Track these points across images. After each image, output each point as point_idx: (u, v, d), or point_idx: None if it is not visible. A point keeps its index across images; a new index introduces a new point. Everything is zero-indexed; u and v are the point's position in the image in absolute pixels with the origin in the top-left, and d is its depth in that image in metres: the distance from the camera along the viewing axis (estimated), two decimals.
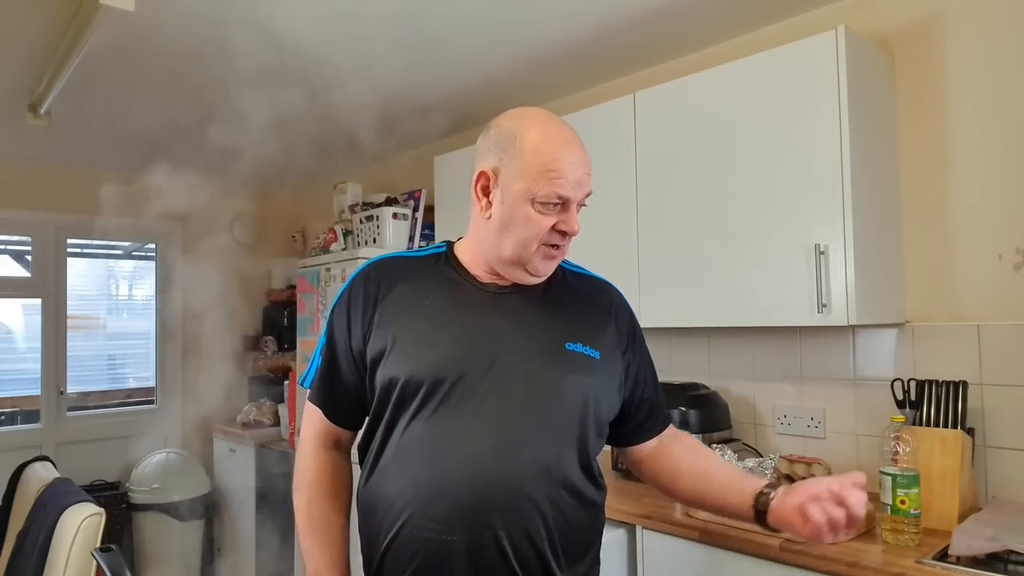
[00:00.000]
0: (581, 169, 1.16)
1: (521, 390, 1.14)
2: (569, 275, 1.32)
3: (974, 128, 1.89)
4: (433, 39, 2.41)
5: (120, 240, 4.30)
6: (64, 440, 3.93)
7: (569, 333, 1.21)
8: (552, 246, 1.18)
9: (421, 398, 1.14)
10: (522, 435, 1.12)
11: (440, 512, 1.09)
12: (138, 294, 4.41)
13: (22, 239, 3.94)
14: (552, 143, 1.16)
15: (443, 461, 1.11)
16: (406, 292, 1.23)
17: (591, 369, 1.19)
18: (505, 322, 1.19)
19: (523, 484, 1.10)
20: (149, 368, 4.33)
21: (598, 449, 1.23)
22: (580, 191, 1.17)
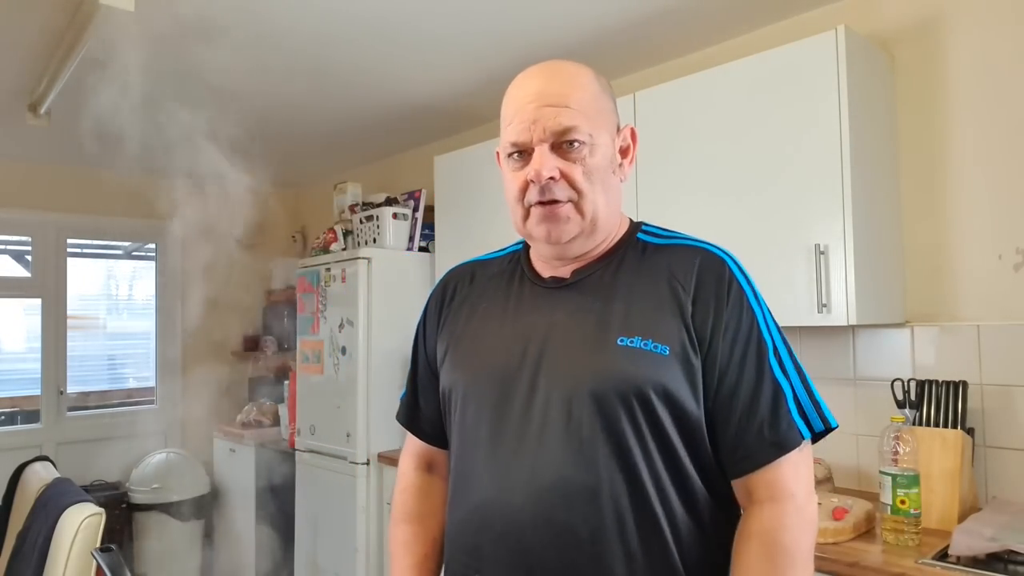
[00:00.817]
0: (532, 104, 0.96)
1: (555, 400, 0.95)
2: (651, 248, 1.05)
3: (974, 128, 1.89)
4: (433, 39, 2.41)
5: (120, 240, 4.30)
6: (64, 440, 3.93)
7: (623, 325, 0.96)
8: (542, 204, 0.97)
9: (460, 411, 1.04)
10: (555, 456, 0.93)
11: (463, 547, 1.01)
12: (138, 294, 4.41)
13: (22, 239, 3.94)
14: (511, 87, 1.02)
15: (477, 490, 1.00)
16: (470, 295, 1.13)
17: (653, 370, 0.93)
18: (553, 319, 1.01)
19: (558, 515, 0.92)
20: (149, 368, 4.32)
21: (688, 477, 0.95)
22: (535, 130, 0.96)
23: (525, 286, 1.07)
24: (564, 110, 0.96)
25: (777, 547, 0.90)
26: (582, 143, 0.96)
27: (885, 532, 1.58)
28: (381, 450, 2.89)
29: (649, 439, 0.93)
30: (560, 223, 0.98)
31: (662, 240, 1.07)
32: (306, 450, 3.19)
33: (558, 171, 0.96)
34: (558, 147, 0.96)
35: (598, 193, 0.99)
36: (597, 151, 0.98)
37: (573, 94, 0.97)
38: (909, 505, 1.55)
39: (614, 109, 1.05)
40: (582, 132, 0.96)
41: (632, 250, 1.05)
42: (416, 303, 3.12)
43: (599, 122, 0.99)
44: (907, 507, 1.55)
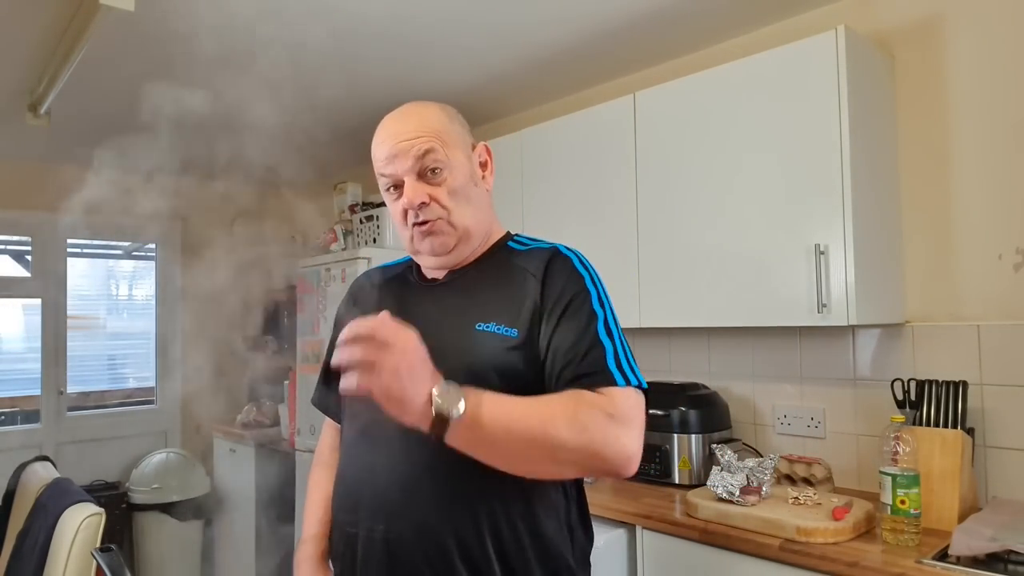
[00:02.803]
0: (389, 142, 1.14)
1: None
2: (514, 253, 1.22)
3: (974, 128, 1.89)
4: (434, 39, 2.41)
5: (120, 240, 4.30)
6: (64, 440, 3.92)
7: (484, 313, 1.13)
8: (419, 224, 1.15)
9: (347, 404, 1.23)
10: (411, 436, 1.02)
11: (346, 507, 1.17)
12: (138, 294, 4.41)
13: (22, 239, 3.94)
14: (374, 136, 1.19)
15: (349, 459, 1.19)
16: (369, 298, 1.31)
17: (504, 350, 1.08)
18: (428, 314, 1.16)
19: (418, 484, 1.08)
20: (149, 368, 4.32)
21: None
22: (400, 163, 1.13)
23: (410, 287, 1.27)
24: (417, 140, 1.13)
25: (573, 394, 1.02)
26: (440, 168, 1.14)
27: (885, 532, 1.58)
28: None
29: None
30: (437, 236, 1.16)
31: (525, 247, 1.24)
32: (306, 450, 3.19)
33: (427, 196, 1.13)
34: (423, 176, 1.14)
35: (464, 206, 1.17)
36: (456, 171, 1.16)
37: (422, 126, 1.15)
38: (909, 505, 1.55)
39: (466, 132, 1.22)
40: (439, 154, 1.14)
41: (499, 255, 1.23)
42: None
43: (451, 144, 1.16)
44: (907, 507, 1.55)
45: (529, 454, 0.97)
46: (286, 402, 3.59)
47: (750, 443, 2.27)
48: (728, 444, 1.97)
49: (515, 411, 0.96)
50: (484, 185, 1.23)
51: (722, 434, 2.19)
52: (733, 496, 1.76)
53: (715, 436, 2.15)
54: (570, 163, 2.47)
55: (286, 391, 3.60)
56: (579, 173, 2.44)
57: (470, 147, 1.22)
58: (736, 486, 1.77)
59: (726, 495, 1.77)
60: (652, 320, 2.20)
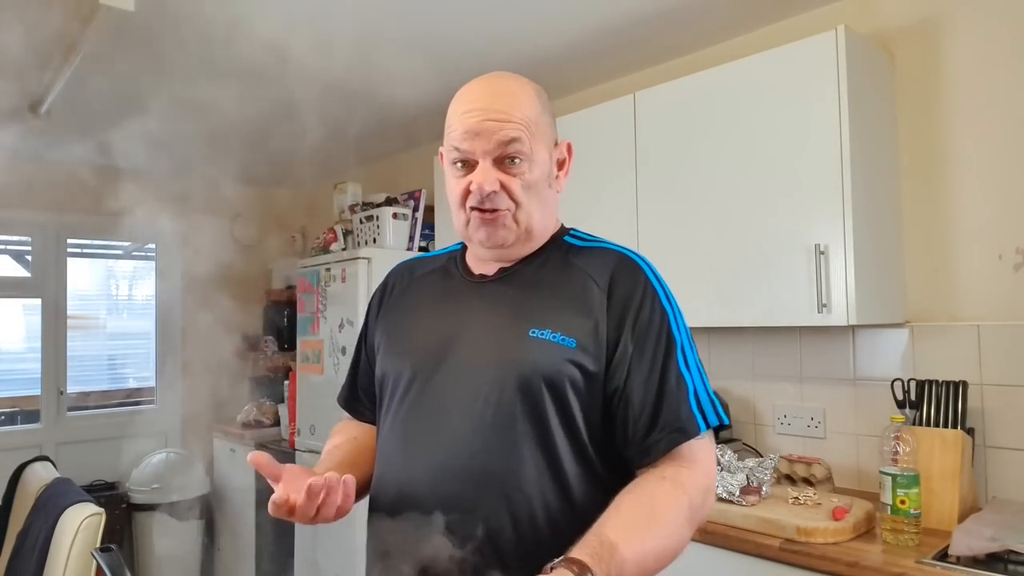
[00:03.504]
0: (475, 116, 1.02)
1: (464, 387, 1.03)
2: (574, 250, 1.13)
3: (974, 128, 1.89)
4: (434, 39, 2.40)
5: (120, 240, 4.30)
6: (64, 440, 3.92)
7: (539, 318, 1.03)
8: (480, 210, 1.04)
9: (388, 396, 1.13)
10: (459, 439, 1.01)
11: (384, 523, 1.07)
12: (138, 294, 4.41)
13: (22, 239, 3.94)
14: (457, 98, 1.08)
15: (390, 463, 1.09)
16: (408, 291, 1.22)
17: (560, 359, 1.00)
18: (476, 313, 1.09)
19: (454, 496, 0.99)
20: (149, 368, 4.32)
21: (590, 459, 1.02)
22: (479, 142, 1.02)
23: (455, 280, 1.16)
24: (507, 124, 1.02)
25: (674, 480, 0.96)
26: (522, 159, 1.04)
27: (885, 532, 1.58)
28: None
29: (556, 426, 1.00)
30: (498, 229, 1.06)
31: (584, 243, 1.15)
32: (306, 450, 3.19)
33: (499, 183, 1.03)
34: (500, 161, 1.03)
35: (534, 205, 1.07)
36: (536, 166, 1.06)
37: (516, 111, 1.04)
38: (909, 505, 1.55)
39: (553, 124, 1.12)
40: (524, 145, 1.03)
41: (556, 251, 1.13)
42: None
43: (538, 138, 1.06)
44: (907, 507, 1.55)
45: (661, 566, 0.95)
46: (286, 402, 3.59)
47: (750, 443, 2.27)
48: (728, 444, 1.97)
49: (646, 553, 0.90)
50: (556, 186, 1.14)
51: (722, 434, 2.19)
52: (733, 496, 1.76)
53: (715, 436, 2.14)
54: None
55: (286, 391, 3.60)
56: (579, 173, 2.43)
57: (553, 142, 1.12)
58: (736, 486, 1.77)
59: (726, 495, 1.77)
60: None
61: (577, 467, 1.01)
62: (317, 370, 3.15)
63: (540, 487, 0.98)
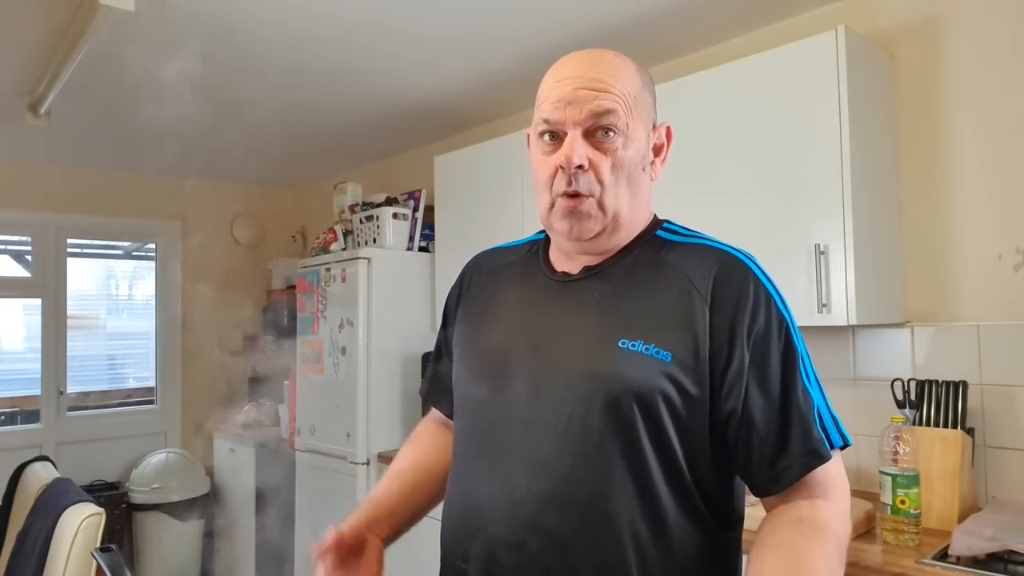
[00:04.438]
0: (571, 84, 0.93)
1: (548, 402, 0.92)
2: (668, 246, 1.00)
3: (974, 128, 1.89)
4: (433, 39, 2.40)
5: (120, 240, 4.30)
6: (64, 440, 3.93)
7: (630, 327, 0.91)
8: (567, 196, 0.94)
9: (461, 407, 1.05)
10: (541, 459, 0.91)
11: (453, 538, 1.00)
12: (138, 294, 4.41)
13: (22, 239, 3.94)
14: (550, 70, 0.99)
15: (465, 486, 1.00)
16: (486, 286, 1.11)
17: (653, 374, 0.89)
18: (560, 317, 0.97)
19: (537, 518, 0.90)
20: (149, 368, 4.32)
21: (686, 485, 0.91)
22: (573, 111, 0.92)
23: (537, 279, 1.04)
24: (603, 94, 0.92)
25: (813, 522, 0.86)
26: (616, 132, 0.93)
27: (885, 532, 1.58)
28: (381, 450, 2.89)
29: (646, 445, 0.89)
30: (582, 219, 0.94)
31: (680, 239, 1.02)
32: (306, 450, 3.19)
33: (587, 160, 0.92)
34: (591, 135, 0.93)
35: (622, 188, 0.95)
36: (631, 144, 0.95)
37: (614, 82, 0.94)
38: (909, 505, 1.55)
39: (653, 105, 1.02)
40: (618, 120, 0.93)
41: (648, 247, 1.00)
42: (416, 303, 3.12)
43: (636, 114, 0.95)
44: (907, 507, 1.55)
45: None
46: (286, 402, 3.59)
47: None
48: None
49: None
50: (652, 172, 1.02)
51: None
52: None
53: None
54: None
55: (286, 391, 3.60)
56: None
57: (651, 125, 1.01)
58: None
59: None
60: None
61: (672, 496, 0.90)
62: (317, 370, 3.15)
63: (629, 515, 0.88)
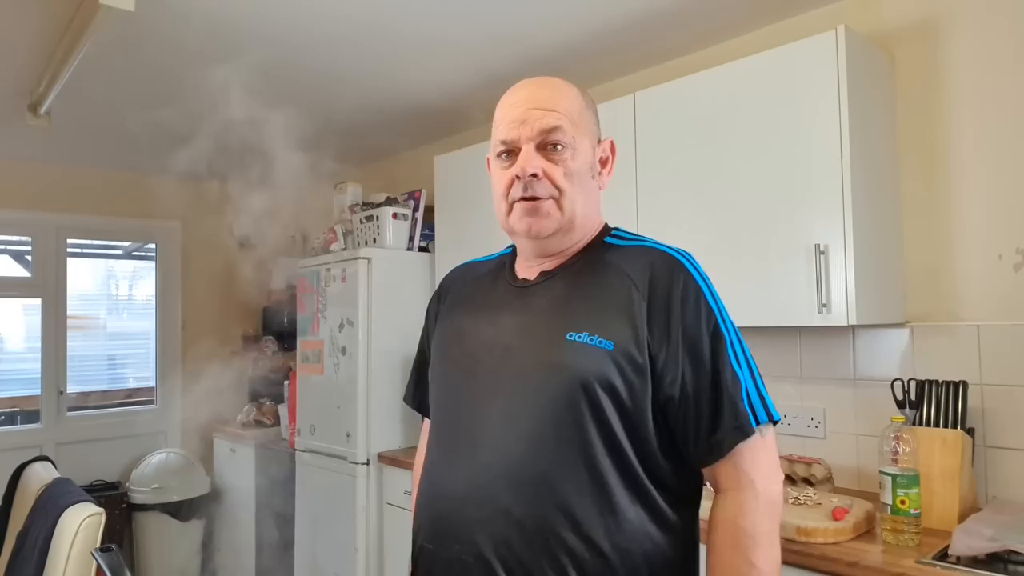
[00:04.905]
0: (522, 106, 1.08)
1: (505, 394, 1.05)
2: (612, 249, 1.13)
3: (974, 128, 1.89)
4: (433, 39, 2.41)
5: (120, 240, 4.30)
6: (64, 440, 3.92)
7: (576, 321, 1.03)
8: (525, 200, 1.07)
9: (434, 403, 1.19)
10: (497, 445, 1.03)
11: (428, 523, 1.10)
12: (138, 294, 4.41)
13: (22, 239, 3.94)
14: (504, 96, 1.14)
15: (433, 471, 1.12)
16: (460, 295, 1.25)
17: (597, 363, 1.00)
18: (517, 317, 1.10)
19: (500, 498, 1.00)
20: (149, 368, 4.32)
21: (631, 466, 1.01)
22: (525, 129, 1.06)
23: (501, 287, 1.18)
24: (551, 113, 1.07)
25: (739, 532, 0.99)
26: (565, 145, 1.07)
27: (885, 532, 1.58)
28: (381, 450, 2.89)
29: (592, 430, 1.00)
30: (541, 217, 1.07)
31: (624, 242, 1.15)
32: (306, 450, 3.19)
33: (541, 169, 1.06)
34: (543, 148, 1.07)
35: (577, 193, 1.08)
36: (578, 155, 1.08)
37: (560, 101, 1.08)
38: (909, 505, 1.55)
39: (596, 123, 1.16)
40: (566, 134, 1.07)
41: (595, 252, 1.13)
42: (416, 303, 3.12)
43: (582, 129, 1.10)
44: (907, 507, 1.55)
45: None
46: (286, 402, 3.59)
47: None
48: None
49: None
50: (599, 181, 1.16)
51: None
52: None
53: None
54: None
55: (286, 391, 3.60)
56: None
57: (597, 140, 1.15)
58: None
59: None
60: None
61: (617, 475, 1.00)
62: (317, 370, 3.15)
63: (579, 494, 0.99)
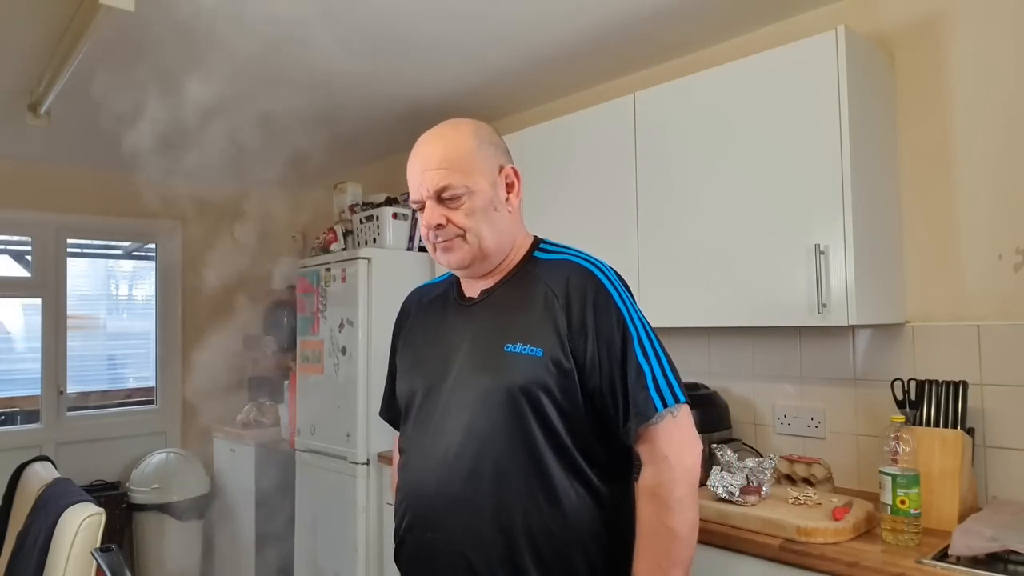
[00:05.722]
0: (417, 171, 1.26)
1: (459, 401, 1.23)
2: (539, 264, 1.30)
3: (974, 128, 1.89)
4: (434, 39, 2.41)
5: (120, 240, 4.30)
6: (64, 440, 3.92)
7: (512, 334, 1.22)
8: (438, 241, 1.27)
9: (404, 416, 1.36)
10: (459, 445, 1.21)
11: (405, 516, 1.28)
12: (138, 294, 4.41)
13: (22, 239, 3.94)
14: (409, 157, 1.30)
15: (407, 473, 1.30)
16: (417, 316, 1.43)
17: (531, 369, 1.19)
18: (464, 334, 1.28)
19: (462, 491, 1.19)
20: (149, 368, 4.32)
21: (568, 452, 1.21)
22: (423, 190, 1.25)
23: (450, 306, 1.36)
24: (437, 172, 1.23)
25: (657, 498, 1.17)
26: (458, 195, 1.23)
27: (885, 532, 1.58)
28: (381, 450, 2.89)
29: (535, 427, 1.18)
30: (453, 252, 1.26)
31: (548, 256, 1.31)
32: (306, 450, 3.19)
33: (444, 218, 1.24)
34: (442, 202, 1.24)
35: (481, 227, 1.24)
36: (475, 196, 1.24)
37: (447, 156, 1.24)
38: (909, 505, 1.55)
39: (493, 156, 1.29)
40: (455, 187, 1.23)
41: (525, 267, 1.30)
42: None
43: (473, 173, 1.24)
44: (907, 507, 1.55)
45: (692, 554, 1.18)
46: (286, 402, 3.59)
47: (750, 443, 2.27)
48: (728, 444, 1.97)
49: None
50: (507, 207, 1.29)
51: (722, 434, 2.18)
52: (733, 496, 1.76)
53: (715, 436, 2.14)
54: (570, 163, 2.47)
55: (286, 391, 3.60)
56: (579, 173, 2.44)
57: (497, 170, 1.29)
58: (736, 486, 1.77)
59: (726, 495, 1.77)
60: (652, 320, 2.17)
61: (558, 463, 1.19)
62: (317, 370, 3.15)
63: (526, 483, 1.18)
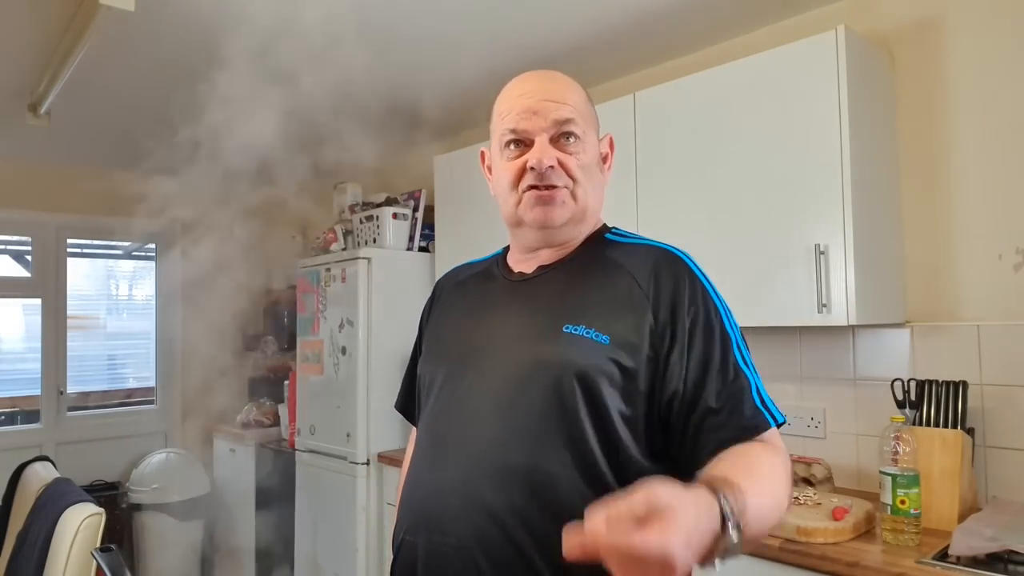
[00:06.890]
0: (530, 98, 1.06)
1: (495, 384, 1.02)
2: (613, 246, 1.12)
3: (974, 128, 1.89)
4: (434, 38, 2.41)
5: (120, 240, 4.30)
6: (64, 440, 3.92)
7: (574, 314, 1.01)
8: (537, 188, 1.05)
9: (424, 399, 1.15)
10: (486, 436, 0.99)
11: (408, 517, 1.06)
12: (138, 294, 4.41)
13: (22, 239, 3.94)
14: (507, 87, 1.13)
15: (419, 469, 1.08)
16: (453, 296, 1.24)
17: (591, 354, 0.97)
18: (512, 312, 1.08)
19: (480, 491, 0.97)
20: (149, 368, 4.32)
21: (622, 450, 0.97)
22: (536, 120, 1.05)
23: (495, 283, 1.16)
24: (563, 105, 1.06)
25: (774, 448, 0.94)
26: (578, 137, 1.06)
27: (885, 532, 1.58)
28: (381, 450, 2.89)
29: (585, 421, 0.96)
30: (555, 206, 1.06)
31: (624, 240, 1.15)
32: (306, 450, 3.19)
33: (556, 160, 1.04)
34: (556, 140, 1.06)
35: (589, 184, 1.09)
36: (589, 148, 1.09)
37: (570, 95, 1.08)
38: (909, 505, 1.55)
39: (597, 118, 1.16)
40: (578, 127, 1.07)
41: (595, 247, 1.12)
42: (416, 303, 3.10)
43: (589, 122, 1.11)
44: (907, 507, 1.55)
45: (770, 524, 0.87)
46: (286, 402, 3.59)
47: None
48: None
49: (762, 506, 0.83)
50: (605, 175, 1.16)
51: None
52: None
53: None
54: None
55: (286, 391, 3.60)
56: None
57: (598, 133, 1.15)
58: None
59: None
60: None
61: (610, 469, 0.96)
62: (317, 370, 3.15)
63: (572, 488, 0.94)
